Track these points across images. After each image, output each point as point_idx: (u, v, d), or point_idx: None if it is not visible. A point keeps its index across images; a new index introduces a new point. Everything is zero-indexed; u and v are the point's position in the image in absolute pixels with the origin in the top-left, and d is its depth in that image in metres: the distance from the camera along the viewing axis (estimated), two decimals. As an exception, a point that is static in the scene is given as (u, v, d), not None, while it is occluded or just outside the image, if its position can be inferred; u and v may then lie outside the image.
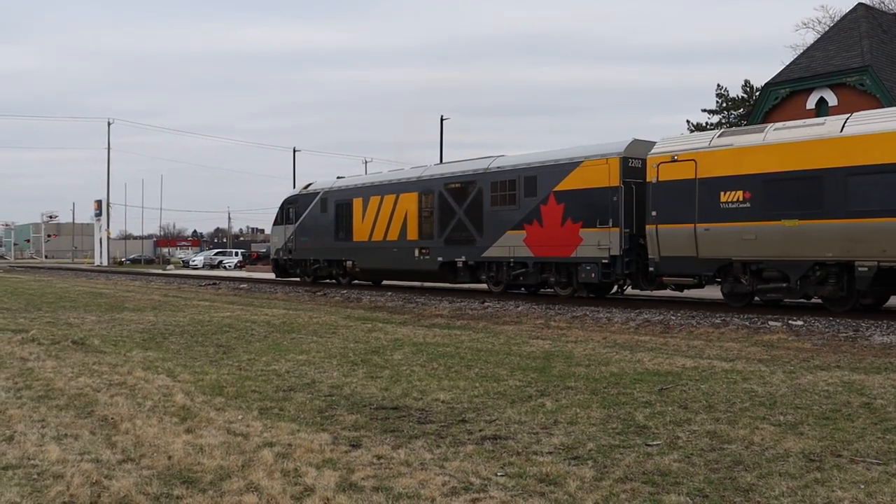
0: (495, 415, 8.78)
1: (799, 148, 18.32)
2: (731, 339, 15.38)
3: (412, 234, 29.40)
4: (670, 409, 8.93)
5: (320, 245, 34.92)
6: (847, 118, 18.22)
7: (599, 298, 23.88)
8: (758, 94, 38.50)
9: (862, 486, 6.08)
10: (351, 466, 6.72)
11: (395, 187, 30.56)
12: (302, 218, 36.03)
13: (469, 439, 7.71)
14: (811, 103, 31.54)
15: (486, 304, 23.20)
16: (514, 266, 25.58)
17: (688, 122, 61.89)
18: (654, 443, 7.43)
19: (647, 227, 21.13)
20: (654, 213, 20.92)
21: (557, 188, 23.84)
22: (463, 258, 27.30)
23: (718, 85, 62.48)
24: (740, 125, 45.23)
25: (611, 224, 22.24)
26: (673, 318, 18.41)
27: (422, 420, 8.59)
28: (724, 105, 61.35)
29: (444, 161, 41.06)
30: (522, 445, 7.43)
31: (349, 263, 33.38)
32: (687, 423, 8.21)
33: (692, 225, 20.04)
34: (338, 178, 36.27)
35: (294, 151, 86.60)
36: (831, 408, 8.89)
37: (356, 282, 34.53)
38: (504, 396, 9.86)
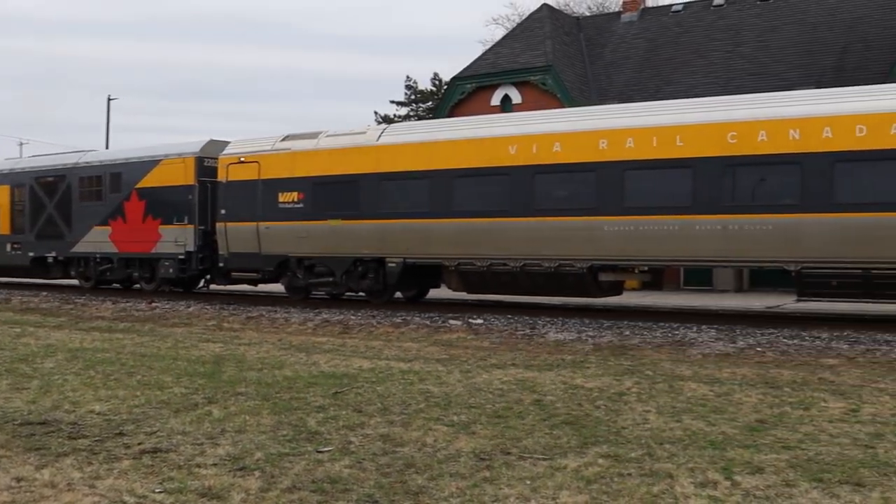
0: (157, 426, 8.60)
1: (343, 154, 21.20)
2: (410, 339, 16.00)
3: (4, 228, 29.97)
4: (344, 413, 9.16)
5: None
6: (384, 129, 21.50)
7: (276, 297, 24.18)
8: (446, 87, 40.17)
9: (528, 482, 6.56)
10: (-16, 492, 6.34)
11: None
12: None
13: (126, 454, 7.49)
14: (496, 99, 33.43)
15: (154, 304, 22.62)
16: (101, 261, 26.99)
17: (375, 112, 63.36)
18: (326, 449, 7.60)
19: (217, 224, 23.48)
20: (223, 212, 23.23)
21: (140, 185, 25.75)
22: (54, 253, 28.23)
23: (408, 77, 64.36)
24: (429, 118, 46.97)
25: (187, 221, 24.29)
26: (353, 317, 18.82)
27: (73, 435, 8.23)
28: (413, 97, 63.35)
29: (108, 147, 40.60)
30: (185, 458, 7.33)
31: None
32: (360, 427, 8.46)
33: (255, 223, 22.49)
34: None
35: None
36: (504, 406, 9.50)
37: None
38: (168, 405, 9.67)
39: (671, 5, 37.29)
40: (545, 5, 37.30)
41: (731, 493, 6.28)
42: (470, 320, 17.81)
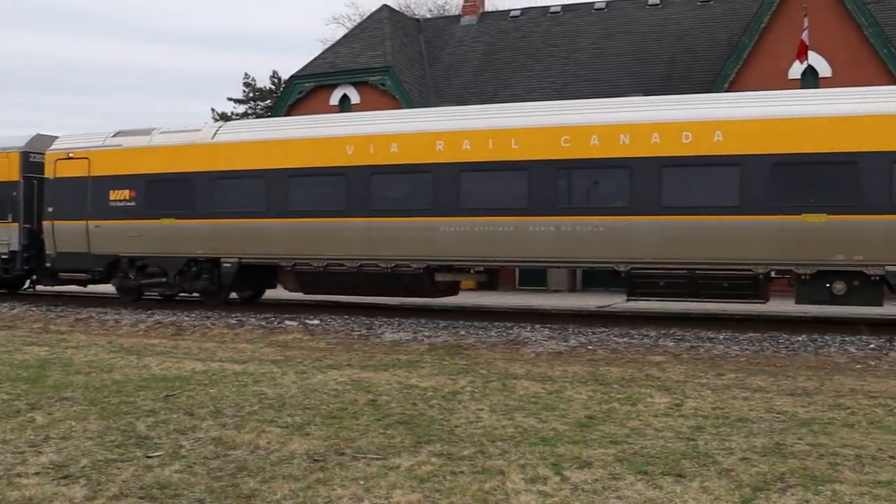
0: (-26, 434, 8.24)
1: (178, 152, 20.83)
2: (245, 340, 15.81)
3: None
4: (175, 416, 8.99)
5: None
6: (220, 127, 21.40)
7: (106, 298, 23.58)
8: (285, 86, 39.81)
9: (361, 482, 6.60)
10: None
11: None
12: None
13: (-61, 466, 7.16)
14: (335, 99, 33.35)
15: (-26, 306, 21.62)
16: None
17: (213, 110, 62.26)
18: (156, 454, 7.45)
19: (45, 222, 22.63)
20: (50, 209, 22.42)
21: None
22: None
23: (246, 74, 63.67)
24: (267, 117, 46.44)
25: (11, 219, 23.35)
26: (187, 318, 18.48)
27: None
28: (252, 95, 62.56)
29: None
30: (5, 467, 7.05)
31: None
32: (192, 431, 8.32)
33: (85, 222, 21.76)
34: None
35: None
36: (339, 406, 9.52)
37: None
38: (-13, 412, 9.28)
39: (510, 10, 38.00)
40: (385, 6, 37.41)
41: (561, 487, 6.47)
42: (306, 321, 17.74)
